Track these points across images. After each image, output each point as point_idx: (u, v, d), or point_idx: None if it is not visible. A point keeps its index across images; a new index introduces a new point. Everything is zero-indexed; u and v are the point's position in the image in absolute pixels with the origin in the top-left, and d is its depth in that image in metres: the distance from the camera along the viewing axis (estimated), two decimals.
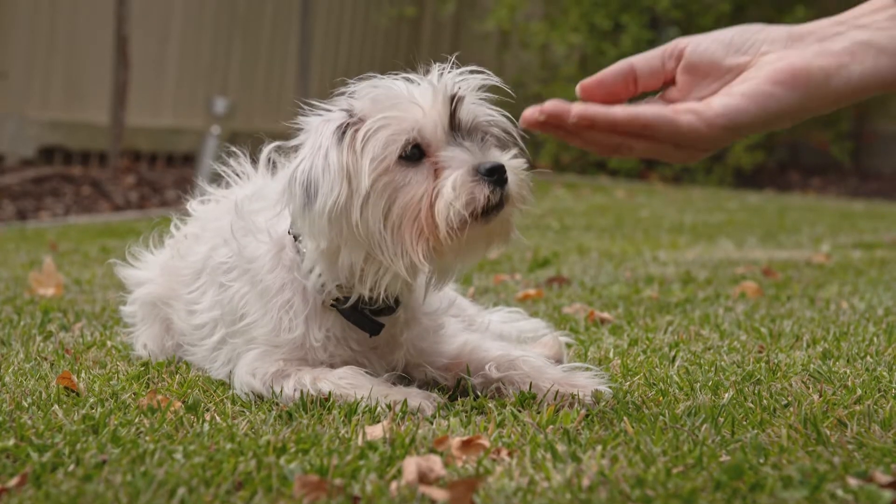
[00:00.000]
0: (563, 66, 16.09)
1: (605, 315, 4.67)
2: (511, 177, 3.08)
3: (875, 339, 4.16)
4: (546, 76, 16.34)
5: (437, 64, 3.20)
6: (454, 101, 3.09)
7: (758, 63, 2.56)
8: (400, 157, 3.04)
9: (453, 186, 3.01)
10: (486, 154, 3.08)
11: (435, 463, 2.48)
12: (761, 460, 2.55)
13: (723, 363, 3.71)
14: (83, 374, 3.50)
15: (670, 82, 2.63)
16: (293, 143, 3.21)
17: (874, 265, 6.82)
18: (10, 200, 10.88)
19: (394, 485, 2.39)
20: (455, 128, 3.08)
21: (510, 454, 2.62)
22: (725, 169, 15.16)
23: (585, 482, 2.39)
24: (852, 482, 2.37)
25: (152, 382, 3.44)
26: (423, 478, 2.43)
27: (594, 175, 15.45)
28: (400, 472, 2.47)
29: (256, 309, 3.28)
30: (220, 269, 3.40)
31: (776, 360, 3.75)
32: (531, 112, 2.52)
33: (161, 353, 3.76)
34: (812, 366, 3.63)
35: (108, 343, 4.05)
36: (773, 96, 2.53)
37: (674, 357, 3.81)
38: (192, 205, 3.77)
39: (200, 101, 13.88)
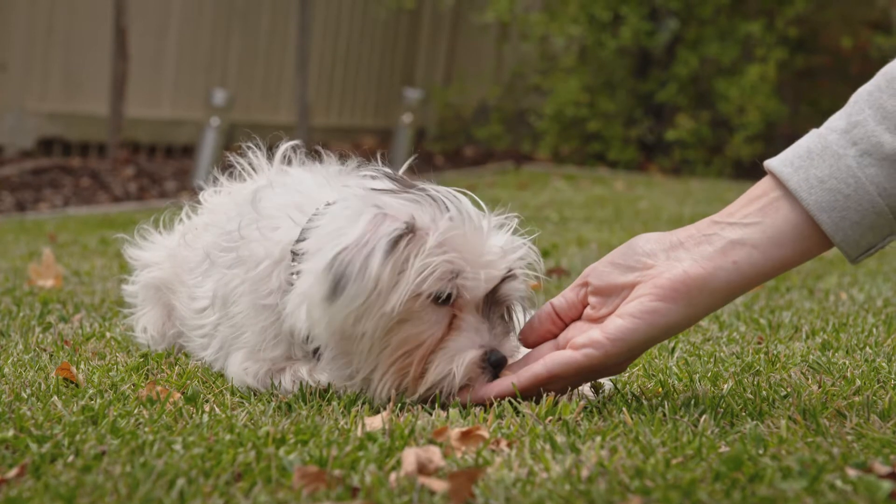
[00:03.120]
0: (563, 58, 16.06)
1: None
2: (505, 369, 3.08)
3: (874, 330, 4.16)
4: (545, 67, 16.31)
5: (510, 218, 3.13)
6: (506, 276, 3.04)
7: (644, 279, 2.86)
8: (434, 296, 2.98)
9: (462, 368, 2.98)
10: (502, 341, 3.05)
11: (434, 454, 2.48)
12: (760, 451, 2.55)
13: (722, 354, 3.71)
14: (82, 366, 3.50)
15: (586, 306, 2.99)
16: (337, 205, 3.10)
17: (873, 256, 6.82)
18: (9, 192, 10.88)
19: (393, 476, 2.39)
20: (490, 295, 3.03)
21: (509, 445, 2.62)
22: (724, 160, 15.15)
23: (585, 473, 2.39)
24: (851, 473, 2.37)
25: (151, 373, 3.44)
26: (423, 469, 2.43)
27: (593, 166, 15.43)
28: (399, 463, 2.47)
29: (243, 310, 3.25)
30: (219, 248, 3.37)
31: (775, 351, 3.75)
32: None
33: (162, 339, 3.75)
34: (811, 357, 3.63)
35: (108, 334, 4.05)
36: (658, 312, 2.86)
37: (673, 348, 3.81)
38: (205, 195, 3.74)
39: (199, 93, 13.87)
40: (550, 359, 2.93)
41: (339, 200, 3.11)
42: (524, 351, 3.14)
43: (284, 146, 3.60)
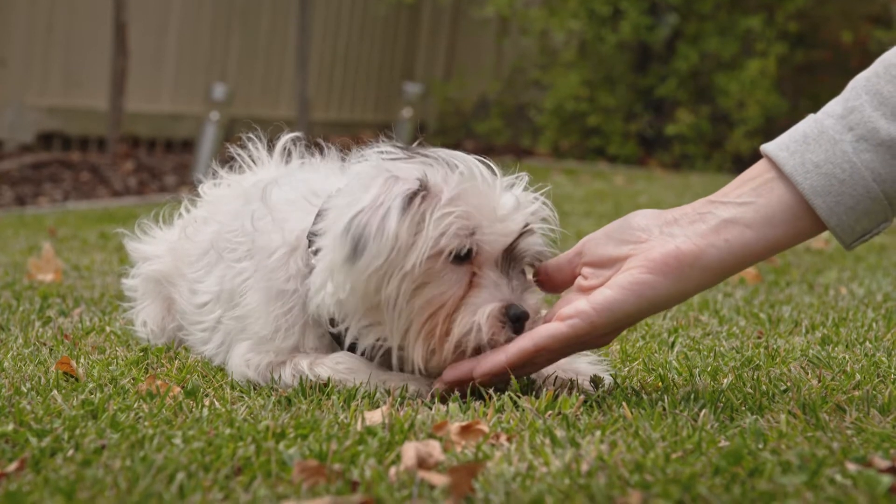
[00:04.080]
0: (563, 52, 16.06)
1: None
2: (527, 327, 3.05)
3: (874, 324, 4.16)
4: (545, 62, 16.31)
5: (521, 177, 3.15)
6: (523, 230, 3.05)
7: (637, 252, 2.88)
8: (454, 253, 2.99)
9: (485, 319, 2.99)
10: (523, 296, 3.05)
11: (434, 448, 2.48)
12: (760, 445, 2.55)
13: (722, 349, 3.71)
14: (82, 360, 3.50)
15: (578, 276, 3.01)
16: (350, 175, 3.13)
17: (873, 251, 6.82)
18: (9, 186, 10.88)
19: (393, 470, 2.39)
20: (509, 251, 3.04)
21: (509, 439, 2.62)
22: (724, 155, 15.15)
23: (584, 467, 2.39)
24: (851, 467, 2.37)
25: (151, 368, 3.44)
26: (423, 463, 2.43)
27: (593, 161, 15.43)
28: (399, 457, 2.47)
29: (254, 301, 3.26)
30: (226, 245, 3.37)
31: (775, 346, 3.75)
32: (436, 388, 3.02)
33: (161, 333, 3.75)
34: (811, 351, 3.63)
35: (107, 328, 4.05)
36: (648, 284, 2.87)
37: (673, 343, 3.81)
38: (205, 188, 3.75)
39: (199, 88, 13.86)
40: (537, 332, 2.94)
41: (352, 176, 3.14)
42: (542, 303, 3.14)
43: (285, 138, 3.61)
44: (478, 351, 3.02)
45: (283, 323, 3.21)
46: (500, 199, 3.04)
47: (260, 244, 3.26)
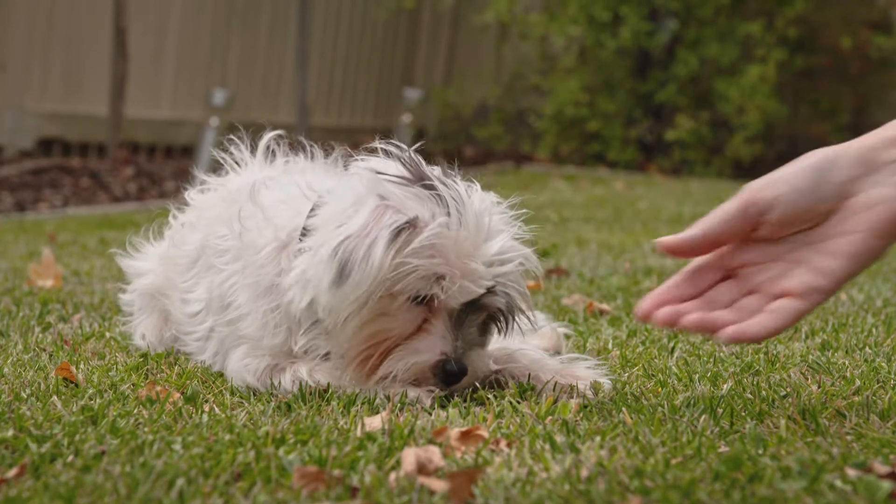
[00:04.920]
0: (562, 58, 16.06)
1: (604, 306, 4.67)
2: (465, 382, 3.07)
3: (874, 330, 4.16)
4: (545, 67, 16.30)
5: (513, 223, 3.13)
6: (487, 291, 3.04)
7: (844, 209, 2.61)
8: (413, 295, 3.01)
9: (412, 368, 3.02)
10: (466, 353, 3.05)
11: (434, 454, 2.48)
12: (760, 451, 2.55)
13: (721, 354, 3.71)
14: (82, 366, 3.50)
15: (752, 229, 2.69)
16: (342, 184, 3.15)
17: None
18: (9, 192, 10.88)
19: (392, 476, 2.39)
20: (469, 304, 3.04)
21: (509, 445, 2.62)
22: (724, 161, 15.15)
23: (584, 473, 2.39)
24: (851, 473, 2.37)
25: (151, 373, 3.44)
26: (422, 469, 2.43)
27: (593, 167, 15.43)
28: (399, 462, 2.47)
29: (244, 301, 3.26)
30: (214, 250, 3.38)
31: (775, 352, 3.75)
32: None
33: (160, 343, 3.76)
34: (811, 357, 3.63)
35: (107, 334, 4.05)
36: (875, 249, 2.60)
37: (672, 348, 3.81)
38: (190, 194, 3.77)
39: (199, 93, 13.87)
40: (785, 311, 2.64)
41: (346, 178, 3.15)
42: (488, 364, 3.16)
43: (266, 138, 3.62)
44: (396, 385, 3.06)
45: (270, 319, 3.22)
46: (475, 254, 3.02)
47: (248, 241, 3.27)
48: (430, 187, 3.04)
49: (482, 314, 3.09)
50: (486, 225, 3.06)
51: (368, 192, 3.03)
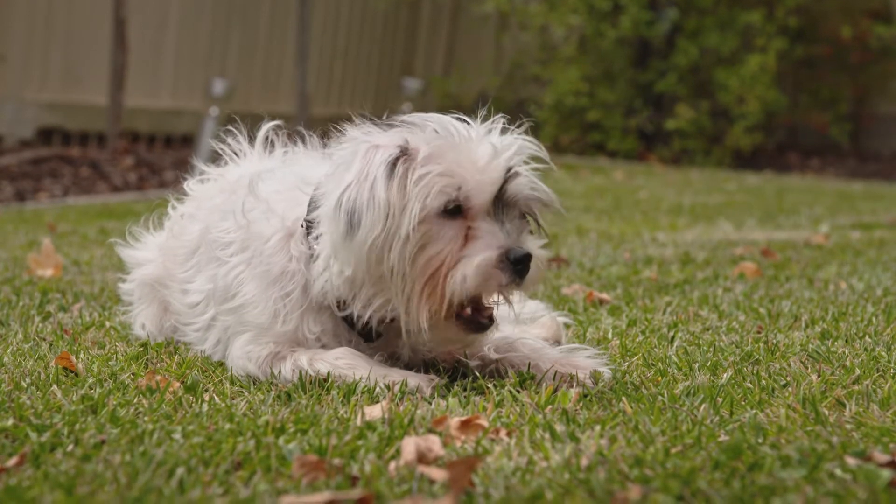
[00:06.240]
0: (562, 48, 16.05)
1: (604, 296, 4.67)
2: (532, 268, 3.04)
3: (874, 319, 4.16)
4: (545, 57, 16.30)
5: (496, 120, 3.16)
6: (508, 175, 3.05)
7: None
8: (444, 209, 3.01)
9: (478, 267, 2.99)
10: (520, 239, 3.05)
11: (434, 443, 2.48)
12: (760, 440, 2.55)
13: (721, 343, 3.71)
14: (82, 355, 3.50)
15: None
16: (334, 159, 3.16)
17: (873, 246, 6.82)
18: (9, 182, 10.87)
19: (392, 464, 2.39)
20: (500, 198, 3.05)
21: (509, 434, 2.62)
22: (724, 150, 15.15)
23: (584, 462, 2.40)
24: (851, 462, 2.37)
25: (151, 363, 3.44)
26: (422, 458, 2.43)
27: (593, 156, 15.43)
28: (399, 452, 2.48)
29: (252, 290, 3.27)
30: (217, 243, 3.38)
31: (775, 341, 3.75)
32: None
33: (159, 333, 3.76)
34: (811, 346, 3.63)
35: (107, 324, 4.05)
36: None
37: (672, 337, 3.81)
38: (190, 184, 3.77)
39: (199, 83, 13.86)
40: None
41: (336, 162, 3.17)
42: (544, 254, 3.11)
43: (265, 128, 3.62)
44: (475, 304, 3.04)
45: (282, 307, 3.22)
46: (478, 150, 3.05)
47: (255, 232, 3.28)
48: (407, 120, 3.09)
49: (516, 206, 3.08)
50: (473, 129, 3.10)
51: (356, 147, 3.08)
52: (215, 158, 3.79)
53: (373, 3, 16.25)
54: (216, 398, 2.97)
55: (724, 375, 3.22)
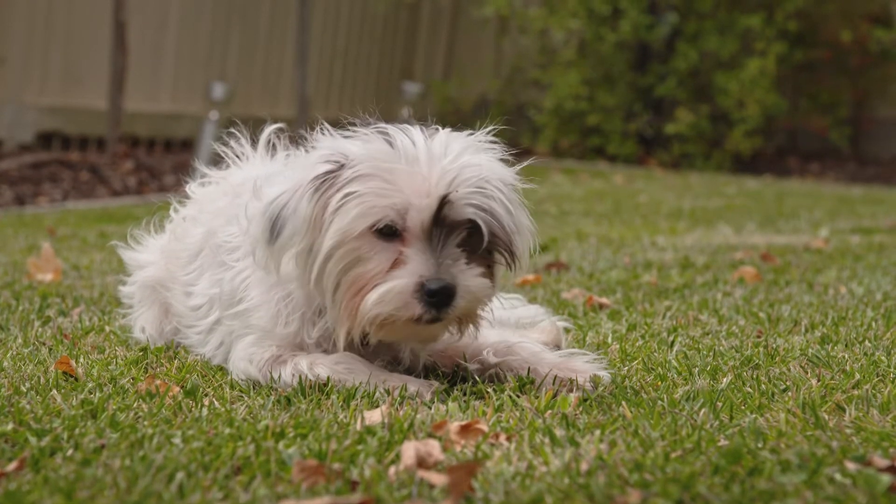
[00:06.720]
0: (562, 52, 16.06)
1: (604, 300, 4.67)
2: (459, 301, 2.98)
3: (873, 323, 4.16)
4: (544, 61, 16.31)
5: (441, 135, 3.08)
6: (445, 200, 2.97)
7: None
8: (376, 229, 2.99)
9: (388, 294, 2.96)
10: (451, 268, 2.97)
11: (433, 448, 2.48)
12: (760, 445, 2.55)
13: (721, 348, 3.71)
14: (82, 359, 3.50)
15: None
16: (290, 163, 3.20)
17: (872, 250, 6.82)
18: (9, 186, 10.87)
19: (392, 469, 2.39)
20: (439, 223, 2.98)
21: (509, 439, 2.62)
22: (724, 154, 15.15)
23: (584, 467, 2.39)
24: (850, 466, 2.37)
25: (151, 367, 3.44)
26: (422, 462, 2.43)
27: (593, 160, 15.43)
28: (398, 456, 2.48)
29: (257, 294, 3.28)
30: (223, 248, 3.38)
31: (774, 345, 3.75)
32: None
33: (159, 336, 3.76)
34: (810, 350, 3.63)
35: (107, 328, 4.05)
36: None
37: (672, 342, 3.81)
38: (191, 187, 3.77)
39: (199, 87, 13.86)
40: None
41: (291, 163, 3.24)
42: (484, 283, 3.02)
43: (268, 132, 3.62)
44: (394, 324, 3.01)
45: (283, 308, 3.22)
46: (419, 171, 2.99)
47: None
48: (374, 128, 3.08)
49: (459, 232, 3.01)
50: (434, 147, 3.03)
51: (311, 151, 3.12)
52: (216, 162, 3.79)
53: (372, 6, 16.26)
54: (216, 403, 2.97)
55: (724, 380, 3.22)
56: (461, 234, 3.01)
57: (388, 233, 2.99)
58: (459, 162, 3.03)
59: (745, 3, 15.46)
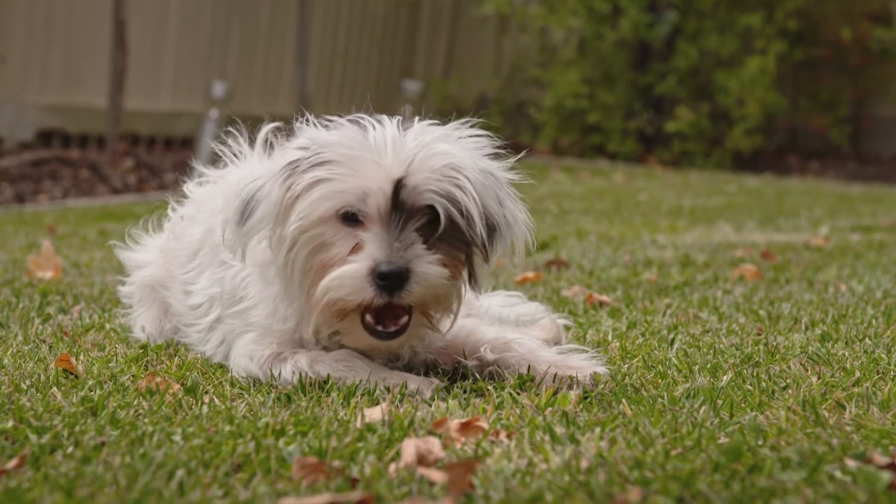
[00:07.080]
0: (562, 50, 16.06)
1: (604, 298, 4.67)
2: (414, 286, 2.97)
3: (873, 321, 4.16)
4: (544, 60, 16.32)
5: (406, 122, 3.11)
6: (399, 184, 2.98)
7: None
8: (338, 214, 3.01)
9: (340, 278, 2.98)
10: (404, 253, 2.96)
11: (433, 445, 2.48)
12: (760, 442, 2.55)
13: (721, 346, 3.71)
14: (82, 357, 3.50)
15: None
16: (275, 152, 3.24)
17: (872, 248, 6.82)
18: (9, 184, 10.87)
19: (392, 466, 2.39)
20: (398, 207, 2.98)
21: (509, 436, 2.62)
22: (724, 153, 15.16)
23: (584, 464, 2.39)
24: (851, 464, 2.37)
25: (151, 365, 3.44)
26: (422, 460, 2.43)
27: (593, 159, 15.44)
28: (398, 454, 2.48)
29: (256, 292, 3.28)
30: (222, 247, 3.39)
31: (775, 343, 3.75)
32: None
33: (159, 335, 3.76)
34: (811, 348, 3.63)
35: (107, 325, 4.05)
36: None
37: (672, 340, 3.81)
38: (189, 186, 3.77)
39: (199, 85, 13.86)
40: None
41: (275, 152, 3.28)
42: (440, 272, 2.99)
43: (265, 130, 3.63)
44: (374, 312, 3.02)
45: (280, 304, 3.23)
46: (385, 158, 3.01)
47: None
48: (349, 119, 3.12)
49: (419, 218, 3.01)
50: (404, 136, 3.06)
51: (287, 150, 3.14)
52: (215, 160, 3.79)
53: (372, 5, 16.26)
54: (216, 400, 2.98)
55: (724, 377, 3.22)
56: (421, 220, 3.01)
57: (351, 218, 3.01)
58: (425, 149, 3.04)
59: (745, 2, 15.47)
